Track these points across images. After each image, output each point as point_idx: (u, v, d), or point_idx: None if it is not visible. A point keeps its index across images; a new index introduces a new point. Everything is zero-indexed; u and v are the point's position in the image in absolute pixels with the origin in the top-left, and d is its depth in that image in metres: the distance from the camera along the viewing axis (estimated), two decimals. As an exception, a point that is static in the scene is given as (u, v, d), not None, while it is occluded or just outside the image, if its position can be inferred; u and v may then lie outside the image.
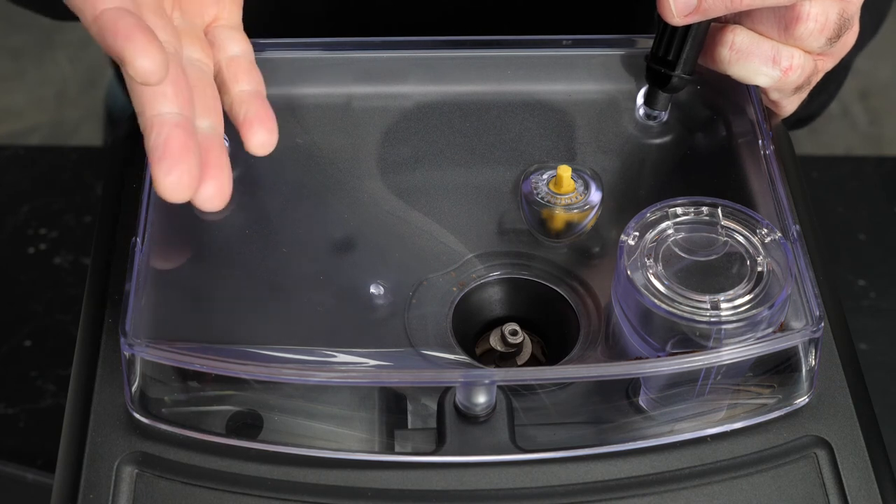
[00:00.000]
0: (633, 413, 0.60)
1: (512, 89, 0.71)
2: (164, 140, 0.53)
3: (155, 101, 0.54)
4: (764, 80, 0.65)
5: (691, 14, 0.63)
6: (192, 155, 0.54)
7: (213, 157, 0.56)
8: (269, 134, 0.60)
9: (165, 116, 0.54)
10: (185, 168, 0.53)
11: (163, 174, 0.53)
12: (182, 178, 0.53)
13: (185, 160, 0.53)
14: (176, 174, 0.53)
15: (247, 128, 0.60)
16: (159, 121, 0.54)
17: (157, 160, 0.53)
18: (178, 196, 0.54)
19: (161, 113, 0.54)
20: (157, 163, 0.53)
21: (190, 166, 0.54)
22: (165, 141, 0.53)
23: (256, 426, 0.59)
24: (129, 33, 0.51)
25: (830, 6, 0.63)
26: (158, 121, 0.54)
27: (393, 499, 0.56)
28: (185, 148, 0.54)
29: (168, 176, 0.53)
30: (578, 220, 0.65)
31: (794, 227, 0.61)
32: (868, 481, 0.58)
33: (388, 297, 0.63)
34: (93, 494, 0.56)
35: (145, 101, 0.54)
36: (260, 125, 0.60)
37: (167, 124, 0.54)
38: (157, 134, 0.53)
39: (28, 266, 0.97)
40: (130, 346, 0.57)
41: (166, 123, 0.54)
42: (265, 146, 0.60)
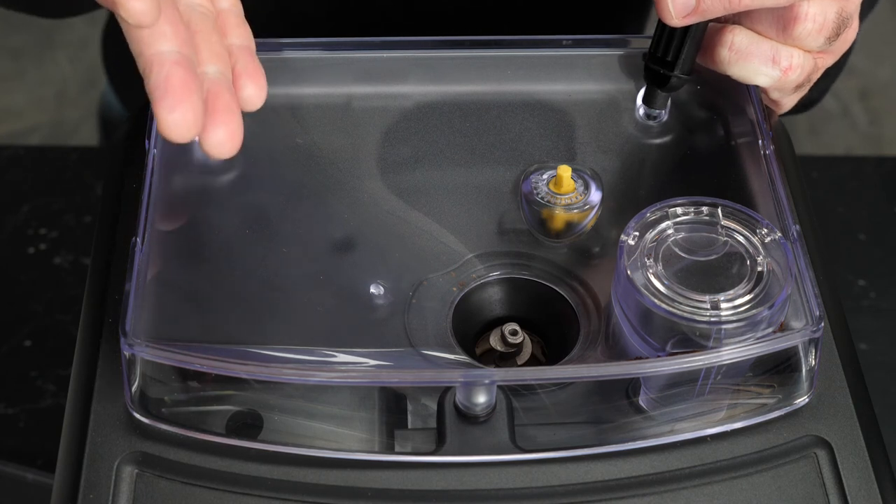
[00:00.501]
0: (633, 413, 0.60)
1: (512, 89, 0.71)
2: (165, 78, 0.52)
3: (153, 41, 0.53)
4: (764, 80, 0.65)
5: (690, 15, 0.63)
6: (194, 92, 0.53)
7: (223, 101, 0.55)
8: (258, 89, 0.59)
9: (165, 55, 0.53)
10: (189, 106, 0.52)
11: (166, 112, 0.52)
12: (186, 115, 0.52)
13: (187, 98, 0.52)
14: (179, 112, 0.52)
15: (236, 82, 0.58)
16: (159, 59, 0.53)
17: (159, 98, 0.52)
18: (182, 135, 0.53)
19: (160, 51, 0.53)
20: (159, 101, 0.52)
21: (193, 104, 0.53)
22: (166, 79, 0.52)
23: (256, 426, 0.59)
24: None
25: (829, 6, 0.63)
26: (158, 59, 0.53)
27: (393, 499, 0.56)
28: (187, 85, 0.53)
29: (171, 114, 0.52)
30: (578, 220, 0.65)
31: (794, 227, 0.61)
32: (868, 481, 0.58)
33: (388, 297, 0.63)
34: (93, 494, 0.56)
35: (143, 41, 0.53)
36: (249, 79, 0.58)
37: (167, 62, 0.53)
38: (158, 73, 0.53)
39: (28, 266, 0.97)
40: (130, 346, 0.57)
41: (166, 62, 0.53)
42: (254, 100, 0.59)
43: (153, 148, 0.64)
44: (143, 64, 0.53)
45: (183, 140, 0.53)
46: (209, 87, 0.55)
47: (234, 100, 0.56)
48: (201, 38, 0.57)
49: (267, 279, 0.63)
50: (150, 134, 0.65)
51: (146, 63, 0.53)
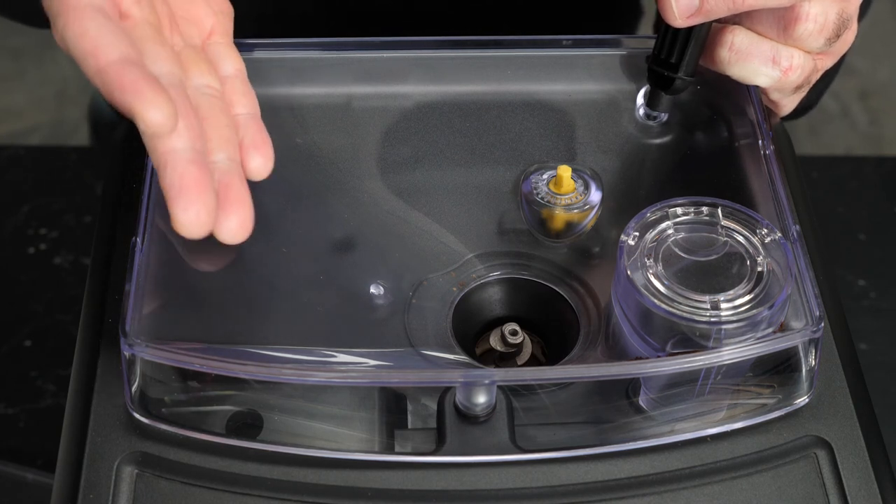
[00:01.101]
0: (633, 413, 0.60)
1: (512, 89, 0.71)
2: (180, 177, 0.53)
3: (166, 138, 0.54)
4: (764, 80, 0.65)
5: (693, 15, 0.63)
6: (208, 190, 0.54)
7: (234, 191, 0.56)
8: (265, 160, 0.60)
9: (179, 153, 0.54)
10: (202, 204, 0.53)
11: (181, 211, 0.53)
12: (200, 214, 0.53)
13: (201, 197, 0.53)
14: (193, 211, 0.53)
15: (244, 154, 0.60)
16: (173, 158, 0.54)
17: (174, 198, 0.53)
18: (196, 232, 0.54)
19: (174, 149, 0.54)
20: (174, 200, 0.53)
21: (207, 202, 0.54)
22: (181, 178, 0.53)
23: (256, 426, 0.59)
24: (135, 87, 0.51)
25: (830, 6, 0.63)
26: (172, 158, 0.54)
27: (393, 499, 0.56)
28: (201, 184, 0.54)
29: (186, 213, 0.53)
30: (578, 220, 0.65)
31: (794, 227, 0.61)
32: (868, 481, 0.58)
33: (388, 297, 0.63)
34: (93, 494, 0.56)
35: (157, 138, 0.54)
36: (256, 151, 0.60)
37: (181, 161, 0.53)
38: (172, 171, 0.53)
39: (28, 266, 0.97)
40: (130, 346, 0.57)
41: (180, 160, 0.53)
42: (261, 171, 0.60)
43: (153, 148, 0.64)
44: (157, 160, 0.54)
45: (197, 237, 0.54)
46: (220, 178, 0.56)
47: (245, 187, 0.57)
48: (210, 124, 0.58)
49: (267, 279, 0.63)
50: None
51: (160, 160, 0.54)
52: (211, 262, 0.63)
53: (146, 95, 0.51)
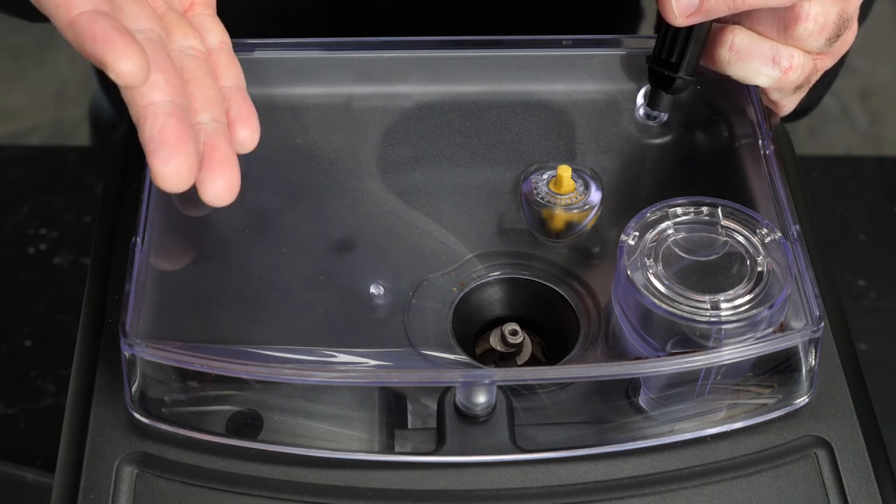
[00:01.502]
0: (633, 413, 0.60)
1: (512, 89, 0.71)
2: (159, 130, 0.53)
3: (145, 92, 0.53)
4: (764, 80, 0.65)
5: (693, 14, 0.63)
6: (188, 143, 0.53)
7: (220, 153, 0.56)
8: (251, 132, 0.59)
9: (158, 106, 0.53)
10: (183, 157, 0.53)
11: (160, 164, 0.52)
12: (180, 167, 0.53)
13: (181, 149, 0.53)
14: (174, 164, 0.53)
15: (230, 127, 0.59)
16: (152, 111, 0.53)
17: (154, 151, 0.52)
18: (177, 185, 0.53)
19: (153, 102, 0.53)
20: (153, 153, 0.52)
21: (188, 155, 0.53)
22: (160, 130, 0.53)
23: (256, 426, 0.59)
24: (106, 37, 0.50)
25: (830, 6, 0.63)
26: (151, 111, 0.53)
27: (393, 499, 0.56)
28: (181, 137, 0.53)
29: (165, 166, 0.52)
30: (578, 220, 0.65)
31: (794, 227, 0.61)
32: (868, 481, 0.58)
33: (388, 297, 0.63)
34: (93, 494, 0.56)
35: (135, 92, 0.53)
36: (242, 124, 0.59)
37: (160, 114, 0.53)
38: (152, 124, 0.53)
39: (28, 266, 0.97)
40: (130, 346, 0.57)
41: (159, 113, 0.53)
42: (248, 144, 0.59)
43: (153, 148, 0.64)
44: (136, 115, 0.53)
45: (177, 191, 0.53)
46: (205, 139, 0.56)
47: (231, 149, 0.57)
48: (195, 85, 0.57)
49: (267, 279, 0.63)
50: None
51: (139, 114, 0.53)
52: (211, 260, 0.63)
53: (117, 46, 0.50)
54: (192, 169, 0.53)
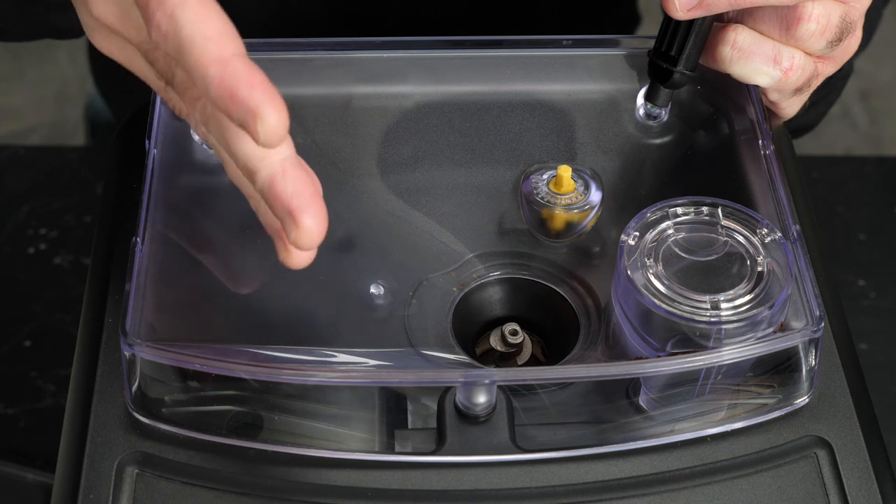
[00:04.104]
0: (633, 413, 0.60)
1: (512, 89, 0.71)
2: (303, 184, 0.49)
3: (283, 146, 0.49)
4: (764, 79, 0.65)
5: (694, 8, 0.63)
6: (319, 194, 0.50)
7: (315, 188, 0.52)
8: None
9: (289, 160, 0.50)
10: (322, 208, 0.50)
11: (309, 219, 0.49)
12: (322, 220, 0.50)
13: (318, 200, 0.50)
14: (322, 216, 0.50)
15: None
16: (289, 165, 0.50)
17: (303, 207, 0.49)
18: (318, 238, 0.50)
19: (286, 157, 0.50)
20: (301, 210, 0.49)
21: (322, 205, 0.50)
22: (304, 185, 0.49)
23: (256, 426, 0.59)
24: (264, 87, 0.47)
25: (833, 8, 0.63)
26: (289, 165, 0.50)
27: (393, 499, 0.56)
28: (317, 188, 0.50)
29: (315, 219, 0.49)
30: (578, 220, 0.65)
31: (794, 227, 0.61)
32: (868, 481, 0.58)
33: (388, 297, 0.63)
34: (93, 494, 0.56)
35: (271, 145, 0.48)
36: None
37: (294, 168, 0.50)
38: (293, 180, 0.49)
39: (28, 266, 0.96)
40: (130, 346, 0.57)
41: (293, 168, 0.50)
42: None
43: (153, 148, 0.64)
44: (270, 170, 0.49)
45: (317, 244, 0.50)
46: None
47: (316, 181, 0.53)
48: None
49: (267, 279, 0.63)
50: (150, 134, 0.65)
51: (274, 169, 0.49)
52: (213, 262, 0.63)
53: (273, 99, 0.47)
54: (325, 219, 0.50)
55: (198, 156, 0.66)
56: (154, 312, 0.59)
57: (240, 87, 0.47)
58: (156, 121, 0.65)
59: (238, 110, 0.47)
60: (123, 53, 0.56)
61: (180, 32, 0.48)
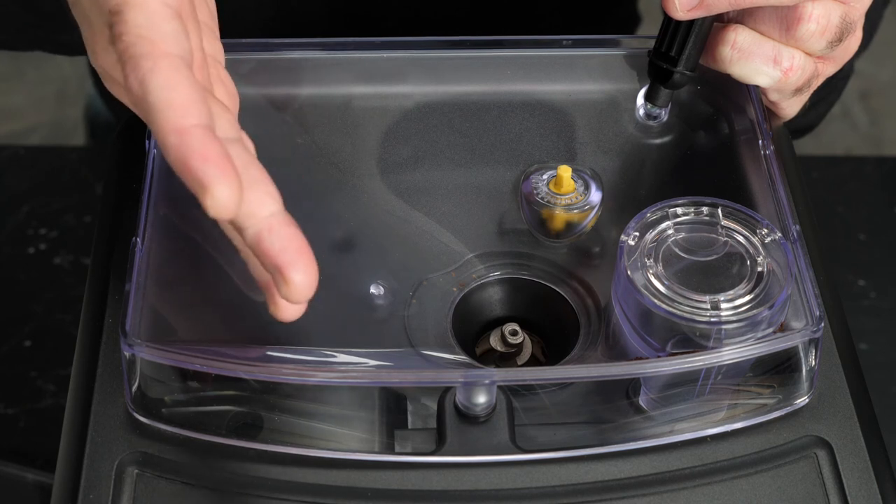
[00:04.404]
0: (633, 413, 0.60)
1: (512, 89, 0.71)
2: (288, 240, 0.50)
3: (263, 203, 0.50)
4: (764, 79, 0.65)
5: (694, 9, 0.63)
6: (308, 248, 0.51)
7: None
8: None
9: (276, 217, 0.50)
10: (311, 261, 0.50)
11: (299, 274, 0.50)
12: (312, 274, 0.50)
13: (308, 254, 0.50)
14: (310, 271, 0.50)
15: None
16: (276, 222, 0.50)
17: (291, 262, 0.49)
18: (309, 292, 0.50)
19: (273, 213, 0.50)
20: (290, 265, 0.49)
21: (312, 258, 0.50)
22: (289, 240, 0.50)
23: (256, 426, 0.59)
24: (217, 160, 0.47)
25: (833, 9, 0.63)
26: (275, 222, 0.50)
27: (393, 499, 0.56)
28: (304, 243, 0.50)
29: (305, 274, 0.50)
30: (578, 221, 0.65)
31: (794, 227, 0.61)
32: (868, 481, 0.58)
33: (388, 297, 0.63)
34: (93, 494, 0.56)
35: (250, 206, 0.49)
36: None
37: (281, 224, 0.50)
38: (277, 236, 0.50)
39: (28, 266, 0.96)
40: (130, 346, 0.57)
41: (280, 224, 0.50)
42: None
43: (153, 148, 0.64)
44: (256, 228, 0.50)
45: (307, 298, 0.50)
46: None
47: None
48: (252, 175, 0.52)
49: (267, 279, 0.63)
50: (150, 134, 0.65)
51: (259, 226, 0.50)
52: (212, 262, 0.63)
53: (227, 173, 0.47)
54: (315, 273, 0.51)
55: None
56: (154, 312, 0.59)
57: (192, 159, 0.47)
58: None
59: (191, 181, 0.47)
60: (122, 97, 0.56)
61: (147, 98, 0.49)
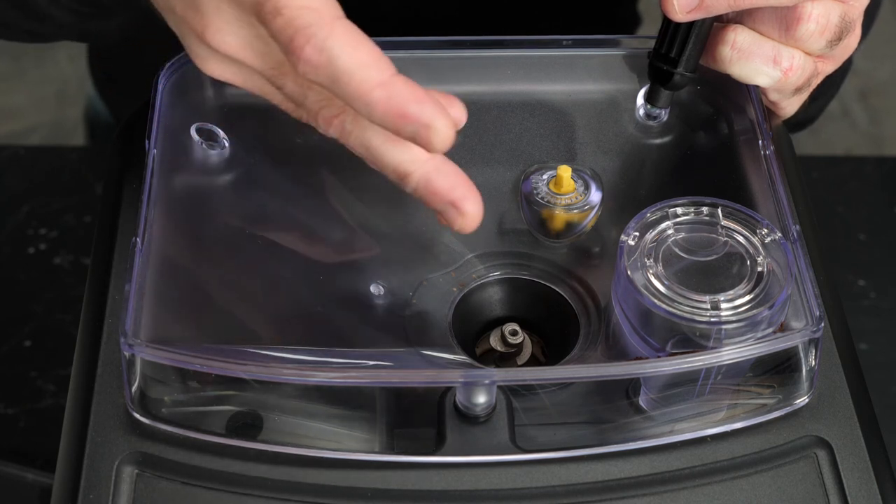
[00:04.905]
0: (633, 413, 0.60)
1: (512, 89, 0.71)
2: (455, 176, 0.53)
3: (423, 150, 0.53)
4: (764, 79, 0.65)
5: (694, 10, 0.63)
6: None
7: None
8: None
9: (437, 157, 0.53)
10: (475, 192, 0.54)
11: (472, 206, 0.53)
12: (479, 202, 0.54)
13: (471, 186, 0.54)
14: (480, 203, 0.54)
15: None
16: (440, 161, 0.53)
17: (463, 197, 0.53)
18: (480, 220, 0.54)
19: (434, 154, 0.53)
20: (464, 200, 0.53)
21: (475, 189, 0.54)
22: (457, 177, 0.53)
23: (256, 426, 0.59)
24: (430, 100, 0.50)
25: (832, 8, 0.63)
26: (440, 161, 0.53)
27: (393, 499, 0.56)
28: (464, 175, 0.54)
29: (477, 205, 0.53)
30: (578, 221, 0.65)
31: (794, 227, 0.61)
32: (868, 481, 0.58)
33: (388, 297, 0.63)
34: (93, 494, 0.56)
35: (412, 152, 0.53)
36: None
37: (447, 162, 0.53)
38: (446, 175, 0.53)
39: (28, 266, 0.97)
40: (130, 346, 0.57)
41: (448, 163, 0.53)
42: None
43: (153, 148, 0.64)
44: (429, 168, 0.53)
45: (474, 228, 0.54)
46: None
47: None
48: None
49: (267, 279, 0.63)
50: (150, 134, 0.65)
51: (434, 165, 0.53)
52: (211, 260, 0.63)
53: (439, 108, 0.50)
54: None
55: (197, 156, 0.66)
56: (154, 312, 0.59)
57: (409, 106, 0.50)
58: (155, 121, 0.65)
59: (409, 127, 0.50)
60: (244, 79, 0.57)
61: (335, 63, 0.50)
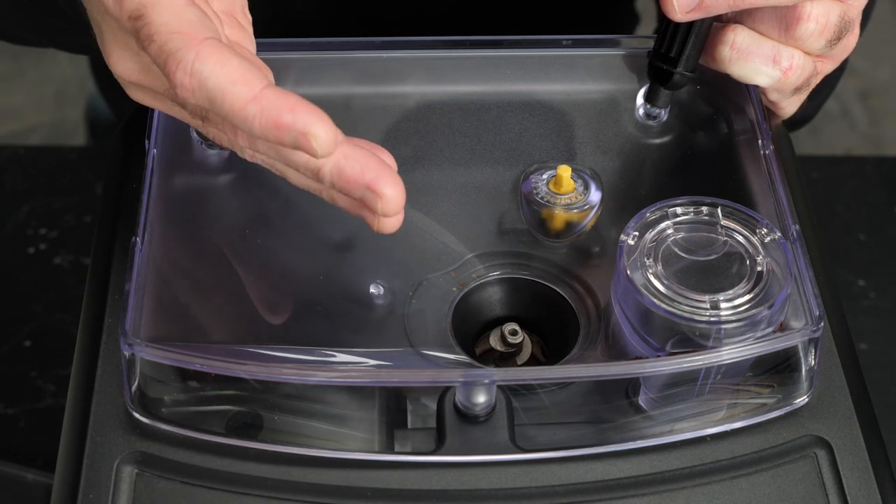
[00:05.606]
0: (633, 413, 0.60)
1: (512, 89, 0.71)
2: (367, 159, 0.54)
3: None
4: (764, 79, 0.65)
5: (694, 10, 0.63)
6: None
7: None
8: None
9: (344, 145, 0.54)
10: (392, 174, 0.54)
11: (390, 188, 0.54)
12: (398, 184, 0.54)
13: (386, 168, 0.54)
14: (400, 186, 0.54)
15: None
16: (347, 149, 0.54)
17: (378, 178, 0.53)
18: (401, 206, 0.55)
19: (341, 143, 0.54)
20: (379, 180, 0.53)
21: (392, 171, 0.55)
22: (368, 159, 0.54)
23: (256, 426, 0.59)
24: (304, 108, 0.50)
25: (832, 8, 0.63)
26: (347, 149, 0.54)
27: (393, 499, 0.56)
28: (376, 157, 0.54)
29: (395, 187, 0.54)
30: (578, 220, 0.65)
31: (794, 227, 0.61)
32: (868, 481, 0.58)
33: (388, 297, 0.63)
34: (93, 494, 0.56)
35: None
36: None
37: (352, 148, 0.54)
38: (357, 159, 0.54)
39: (28, 266, 0.97)
40: (130, 345, 0.57)
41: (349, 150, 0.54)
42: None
43: (153, 148, 0.64)
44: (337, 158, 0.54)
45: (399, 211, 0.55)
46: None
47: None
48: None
49: (267, 279, 0.63)
50: (150, 134, 0.65)
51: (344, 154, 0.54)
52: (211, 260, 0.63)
53: (316, 114, 0.50)
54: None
55: (197, 155, 0.66)
56: (154, 312, 0.59)
57: (282, 116, 0.50)
58: (155, 120, 0.65)
59: (288, 136, 0.50)
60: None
61: (206, 84, 0.51)
